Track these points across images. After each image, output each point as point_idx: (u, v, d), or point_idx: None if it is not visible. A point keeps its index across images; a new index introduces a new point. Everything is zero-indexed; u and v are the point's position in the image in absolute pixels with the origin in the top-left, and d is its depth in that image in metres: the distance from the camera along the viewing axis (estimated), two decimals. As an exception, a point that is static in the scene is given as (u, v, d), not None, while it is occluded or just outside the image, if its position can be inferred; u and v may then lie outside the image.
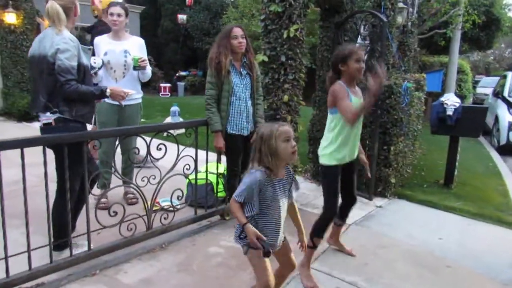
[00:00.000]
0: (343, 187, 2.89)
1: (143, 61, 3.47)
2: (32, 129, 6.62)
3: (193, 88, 15.58)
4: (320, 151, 2.81)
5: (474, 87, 17.82)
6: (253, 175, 1.94)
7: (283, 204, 2.05)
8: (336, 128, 2.70)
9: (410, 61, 7.52)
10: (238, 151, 3.38)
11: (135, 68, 3.49)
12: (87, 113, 2.68)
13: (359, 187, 4.47)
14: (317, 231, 2.76)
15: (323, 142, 2.80)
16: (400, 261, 3.07)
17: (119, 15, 3.53)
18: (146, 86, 15.75)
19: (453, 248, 3.37)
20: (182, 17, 14.65)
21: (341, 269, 2.87)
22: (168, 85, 14.72)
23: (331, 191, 2.76)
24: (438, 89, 9.96)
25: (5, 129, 7.21)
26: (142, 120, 4.63)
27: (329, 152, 2.73)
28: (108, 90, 2.70)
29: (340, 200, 2.92)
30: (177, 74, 15.33)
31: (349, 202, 2.99)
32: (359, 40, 5.23)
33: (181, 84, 15.20)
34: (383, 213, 4.08)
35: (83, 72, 2.62)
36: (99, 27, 4.50)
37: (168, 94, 14.37)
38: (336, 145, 2.71)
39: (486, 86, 17.34)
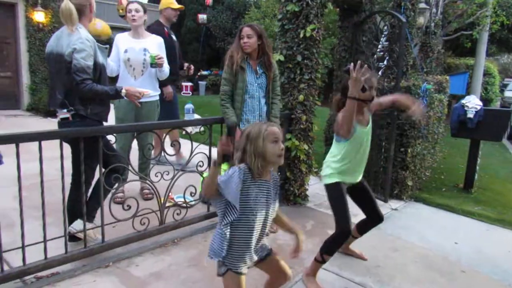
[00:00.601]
0: (363, 205, 2.84)
1: (159, 58, 3.52)
2: (57, 125, 6.82)
3: (214, 87, 15.66)
4: (321, 173, 2.76)
5: (502, 91, 17.31)
6: (234, 168, 1.80)
7: (267, 210, 1.87)
8: (339, 155, 2.65)
9: (433, 63, 7.40)
10: None
11: (152, 65, 3.55)
12: (101, 112, 2.73)
13: (374, 189, 4.45)
14: (328, 249, 2.61)
15: (324, 165, 2.74)
16: (412, 264, 3.03)
17: (136, 10, 3.60)
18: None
19: (469, 253, 3.30)
20: (202, 17, 14.73)
21: (350, 270, 2.86)
22: (189, 84, 14.82)
23: (339, 209, 2.60)
24: (463, 92, 9.72)
25: (30, 124, 7.45)
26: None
27: (329, 173, 2.67)
28: (123, 90, 2.73)
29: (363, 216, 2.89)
30: (198, 74, 15.43)
31: (375, 220, 2.85)
32: (382, 41, 5.18)
33: (202, 83, 15.30)
34: (398, 216, 4.02)
35: (99, 71, 2.67)
36: (153, 27, 4.62)
37: (189, 93, 14.49)
38: (338, 169, 2.64)
39: (516, 89, 16.80)
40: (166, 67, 3.71)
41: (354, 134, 2.56)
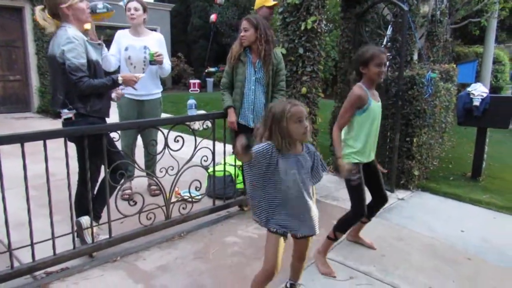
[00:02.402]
0: (370, 186, 2.90)
1: (158, 55, 3.55)
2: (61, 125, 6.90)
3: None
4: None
5: (514, 78, 17.04)
6: (261, 144, 1.95)
7: (302, 180, 2.00)
8: (353, 130, 2.71)
9: (440, 52, 7.31)
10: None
11: (151, 62, 3.58)
12: (102, 108, 2.75)
13: (380, 180, 4.45)
14: (342, 227, 2.76)
15: (343, 146, 2.78)
16: (417, 253, 3.03)
17: (135, 9, 3.63)
18: (176, 83, 16.08)
19: (476, 241, 3.28)
20: (212, 17, 14.86)
21: (356, 259, 2.87)
22: (197, 81, 14.90)
23: (356, 191, 2.71)
24: (472, 80, 9.60)
25: (40, 126, 7.57)
26: (168, 115, 4.71)
27: (347, 153, 2.72)
28: (119, 78, 2.76)
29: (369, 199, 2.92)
30: (206, 70, 15.50)
31: (379, 202, 2.95)
32: (388, 31, 5.15)
33: (210, 80, 15.36)
34: (405, 206, 4.02)
35: (94, 68, 2.68)
36: None
37: (197, 90, 14.56)
38: (357, 147, 2.70)
39: (527, 77, 16.48)
40: (166, 64, 3.73)
41: (369, 107, 2.66)
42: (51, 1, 2.63)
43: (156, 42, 3.75)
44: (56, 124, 7.72)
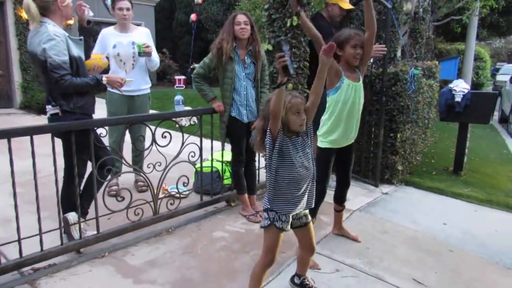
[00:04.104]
0: (339, 168, 3.02)
1: (147, 47, 3.55)
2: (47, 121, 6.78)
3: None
4: (318, 132, 2.88)
5: (494, 75, 17.42)
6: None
7: (303, 163, 2.03)
8: (329, 110, 2.78)
9: (422, 49, 7.43)
10: (239, 136, 3.41)
11: (140, 54, 3.57)
12: (85, 104, 2.71)
13: (365, 175, 4.53)
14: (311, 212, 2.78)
15: (320, 123, 2.88)
16: (401, 245, 3.11)
17: (128, 9, 3.62)
18: (161, 79, 15.97)
19: (457, 234, 3.37)
20: (192, 16, 14.84)
21: (341, 253, 2.93)
22: (182, 77, 14.82)
23: (321, 172, 2.71)
24: (454, 77, 9.76)
25: (24, 122, 7.46)
26: (154, 111, 4.69)
27: (322, 133, 2.81)
28: (104, 78, 2.73)
29: (334, 184, 3.08)
30: (191, 66, 15.40)
31: (344, 186, 3.07)
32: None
33: (195, 76, 15.31)
34: (389, 200, 4.10)
35: (76, 64, 2.64)
36: (320, 22, 4.03)
37: (182, 86, 14.48)
38: (328, 125, 2.78)
39: (507, 73, 16.89)
40: (155, 56, 3.73)
41: (341, 85, 2.69)
42: None
43: (143, 36, 3.75)
44: (39, 120, 7.62)
